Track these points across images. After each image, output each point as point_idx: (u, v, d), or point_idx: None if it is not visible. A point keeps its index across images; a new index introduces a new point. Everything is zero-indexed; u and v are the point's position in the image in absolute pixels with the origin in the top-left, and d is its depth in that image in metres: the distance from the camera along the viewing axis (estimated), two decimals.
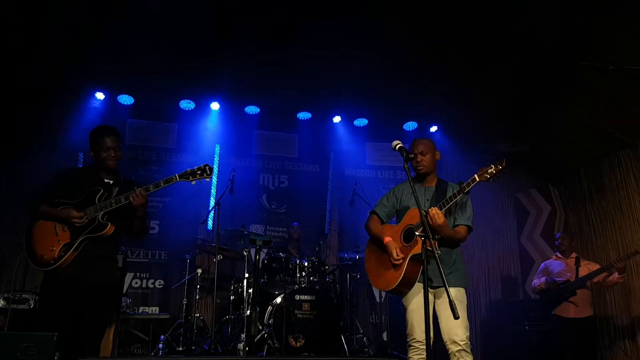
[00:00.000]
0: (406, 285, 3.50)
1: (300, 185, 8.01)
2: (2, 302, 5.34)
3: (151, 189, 3.54)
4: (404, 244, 3.55)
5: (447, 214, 3.54)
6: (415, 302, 3.52)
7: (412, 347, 3.49)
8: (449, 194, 3.55)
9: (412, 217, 3.58)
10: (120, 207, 3.52)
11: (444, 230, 3.42)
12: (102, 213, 3.49)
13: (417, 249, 3.37)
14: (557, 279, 5.93)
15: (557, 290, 5.85)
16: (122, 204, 3.50)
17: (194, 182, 3.63)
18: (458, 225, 3.64)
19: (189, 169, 3.63)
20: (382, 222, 3.86)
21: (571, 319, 5.77)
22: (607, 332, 6.88)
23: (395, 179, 8.22)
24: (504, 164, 3.30)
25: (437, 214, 3.35)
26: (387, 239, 3.62)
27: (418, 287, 3.51)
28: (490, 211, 8.39)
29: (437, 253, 3.38)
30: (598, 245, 7.15)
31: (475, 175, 3.35)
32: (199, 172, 3.62)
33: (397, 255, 3.48)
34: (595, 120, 6.49)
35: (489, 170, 3.31)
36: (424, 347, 3.40)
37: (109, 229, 3.50)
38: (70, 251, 3.44)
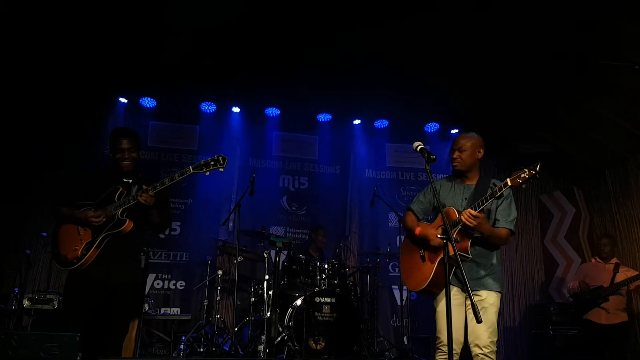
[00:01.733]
0: (435, 286, 3.45)
1: (320, 187, 8.01)
2: (27, 302, 5.43)
3: (166, 182, 3.58)
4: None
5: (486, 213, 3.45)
6: (443, 304, 3.41)
7: (438, 350, 3.43)
8: (486, 192, 3.43)
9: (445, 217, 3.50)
10: (138, 204, 3.56)
11: (483, 228, 3.31)
12: (120, 210, 3.54)
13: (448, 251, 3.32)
14: (591, 284, 5.85)
15: (589, 295, 5.77)
16: (156, 190, 3.56)
17: (207, 173, 3.65)
18: (500, 227, 3.52)
19: (202, 161, 3.66)
20: (418, 219, 3.78)
21: (602, 324, 5.68)
22: (638, 338, 6.71)
23: (417, 180, 8.17)
24: (537, 169, 3.16)
25: (469, 217, 3.24)
26: (419, 229, 3.58)
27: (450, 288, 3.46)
28: None
29: (467, 257, 3.36)
30: (624, 248, 7.00)
31: (508, 180, 3.24)
32: (212, 162, 3.64)
33: (437, 237, 3.35)
34: (620, 120, 6.36)
35: (522, 175, 3.18)
36: (453, 352, 3.36)
37: (128, 224, 3.56)
38: (93, 249, 3.49)
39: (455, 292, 3.46)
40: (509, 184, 3.23)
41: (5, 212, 6.63)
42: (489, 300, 3.43)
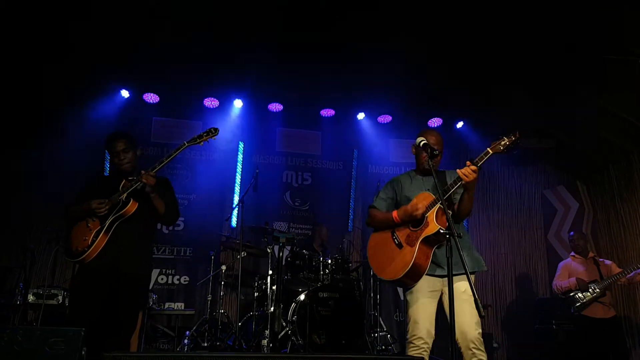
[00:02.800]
0: (414, 274, 3.34)
1: (323, 183, 8.01)
2: (31, 297, 5.45)
3: (164, 160, 3.69)
4: (412, 229, 3.43)
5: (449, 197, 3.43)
6: (421, 297, 3.40)
7: (413, 346, 3.33)
8: (449, 180, 3.49)
9: (419, 200, 3.44)
10: (142, 189, 3.61)
11: (473, 188, 3.35)
12: (125, 195, 3.58)
13: (429, 230, 3.29)
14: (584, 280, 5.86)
15: (586, 291, 5.77)
16: (156, 169, 3.64)
17: (202, 144, 3.82)
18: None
19: (196, 135, 3.81)
20: None
21: (599, 319, 5.70)
22: (637, 331, 6.73)
23: None
24: (517, 135, 3.20)
25: (469, 172, 3.21)
26: (395, 213, 3.51)
27: (425, 280, 3.38)
28: (516, 209, 8.29)
29: (459, 234, 3.17)
30: (628, 243, 7.00)
31: (488, 149, 3.25)
32: (204, 134, 3.79)
33: (419, 207, 3.34)
34: (625, 115, 6.33)
35: (502, 142, 3.22)
36: (427, 346, 3.30)
37: (132, 204, 3.59)
38: (102, 234, 3.52)
39: (431, 280, 3.42)
40: (490, 152, 3.25)
41: (10, 208, 6.67)
42: (468, 291, 3.24)
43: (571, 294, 5.87)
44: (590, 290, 5.72)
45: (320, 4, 5.46)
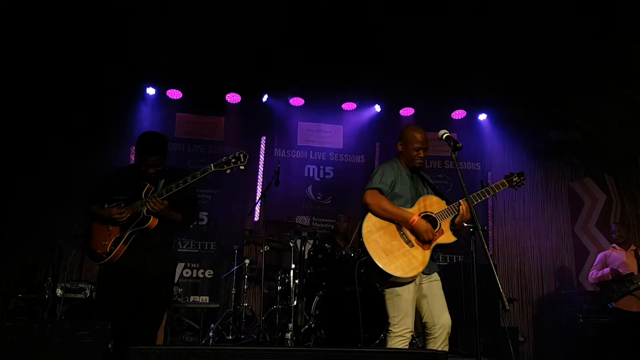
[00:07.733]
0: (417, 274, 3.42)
1: (345, 177, 7.99)
2: (59, 291, 5.56)
3: (189, 180, 3.56)
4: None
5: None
6: (412, 292, 3.39)
7: (403, 339, 3.33)
8: (427, 179, 3.70)
9: (427, 205, 3.48)
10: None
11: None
12: (146, 208, 3.55)
13: (446, 239, 3.41)
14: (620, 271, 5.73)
15: (621, 283, 5.65)
16: (164, 196, 3.56)
17: (228, 171, 3.60)
18: None
19: (223, 158, 3.59)
20: None
21: (635, 312, 5.56)
22: None
23: (443, 168, 8.09)
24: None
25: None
26: (417, 218, 3.35)
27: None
28: (543, 201, 8.17)
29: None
30: None
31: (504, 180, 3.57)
32: (233, 160, 3.58)
33: (432, 235, 3.35)
34: None
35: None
36: (410, 339, 3.38)
37: (152, 222, 3.57)
38: (120, 244, 3.54)
39: (419, 277, 3.45)
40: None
41: (38, 204, 6.79)
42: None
43: (606, 286, 5.77)
44: (625, 282, 5.60)
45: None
